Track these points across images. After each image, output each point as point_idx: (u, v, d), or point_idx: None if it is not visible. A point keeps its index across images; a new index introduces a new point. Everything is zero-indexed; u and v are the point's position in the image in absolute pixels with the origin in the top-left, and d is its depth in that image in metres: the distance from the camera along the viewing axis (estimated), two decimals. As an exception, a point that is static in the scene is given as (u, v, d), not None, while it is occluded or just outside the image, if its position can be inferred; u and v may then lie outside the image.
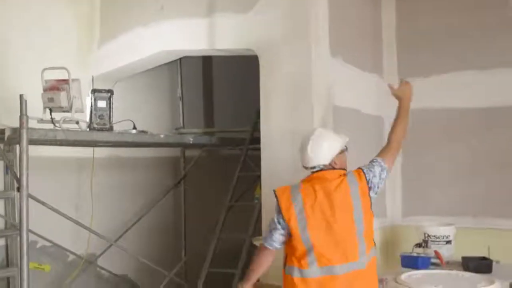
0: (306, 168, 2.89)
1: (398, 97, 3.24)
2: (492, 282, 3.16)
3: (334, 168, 2.87)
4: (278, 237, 2.82)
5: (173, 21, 4.55)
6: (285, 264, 2.86)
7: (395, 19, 4.97)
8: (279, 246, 2.86)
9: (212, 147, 5.47)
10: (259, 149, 4.68)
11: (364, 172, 2.82)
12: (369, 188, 2.79)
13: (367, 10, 4.77)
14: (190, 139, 4.42)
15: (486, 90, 4.49)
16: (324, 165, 2.85)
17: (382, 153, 2.99)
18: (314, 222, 2.73)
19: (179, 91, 5.79)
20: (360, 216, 2.74)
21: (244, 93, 6.16)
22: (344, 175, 2.83)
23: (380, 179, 2.84)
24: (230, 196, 4.82)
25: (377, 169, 2.84)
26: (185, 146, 5.20)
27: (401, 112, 3.16)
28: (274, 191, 2.94)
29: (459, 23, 4.66)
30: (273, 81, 4.01)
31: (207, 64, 6.38)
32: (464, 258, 3.65)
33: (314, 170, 2.86)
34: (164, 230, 5.57)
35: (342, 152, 2.94)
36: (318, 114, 3.84)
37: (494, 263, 3.57)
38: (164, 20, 4.59)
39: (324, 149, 2.85)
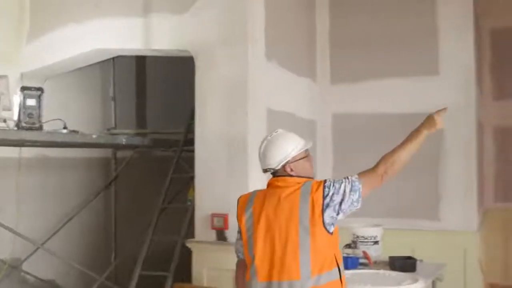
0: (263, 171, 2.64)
1: (432, 123, 2.66)
2: (416, 280, 3.31)
3: (290, 175, 2.57)
4: (239, 247, 2.66)
5: (108, 19, 4.47)
6: None
7: (329, 26, 5.12)
8: (242, 256, 2.66)
9: (145, 148, 5.40)
10: (192, 151, 4.68)
11: (325, 185, 2.47)
12: (326, 204, 2.42)
13: (302, 16, 4.88)
14: (123, 140, 4.35)
15: (411, 96, 4.72)
16: (275, 169, 2.57)
17: (362, 173, 2.55)
18: (259, 232, 2.52)
19: (111, 91, 5.68)
20: (306, 231, 2.42)
21: (177, 94, 6.12)
22: (302, 183, 2.53)
23: (346, 199, 2.43)
24: (163, 198, 4.78)
25: (345, 187, 2.45)
26: (117, 147, 5.10)
27: (418, 136, 2.65)
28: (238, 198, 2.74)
29: (388, 31, 4.87)
30: (208, 83, 4.02)
31: (140, 64, 6.28)
32: (390, 258, 3.79)
33: (270, 173, 2.61)
34: (94, 233, 5.43)
35: (300, 158, 2.59)
36: (253, 117, 3.89)
37: (418, 262, 3.73)
38: (99, 18, 4.50)
39: (275, 151, 2.57)
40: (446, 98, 4.62)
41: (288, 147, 2.57)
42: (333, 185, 2.47)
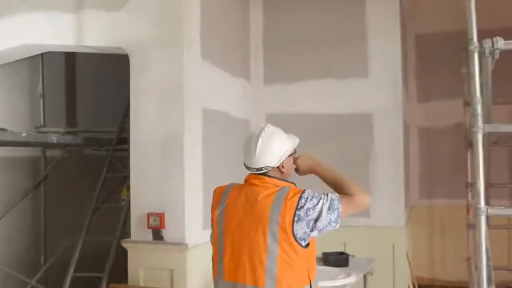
0: (248, 168, 2.45)
1: (305, 171, 2.61)
2: (349, 275, 3.46)
3: (281, 172, 2.45)
4: (211, 239, 2.54)
5: (37, 13, 4.31)
6: None
7: (262, 26, 5.20)
8: None
9: (76, 147, 5.26)
10: (126, 150, 4.62)
11: (302, 196, 2.31)
12: (298, 216, 2.27)
13: (237, 16, 4.93)
14: (54, 138, 4.22)
15: (342, 97, 4.89)
16: (271, 167, 2.41)
17: (343, 196, 2.38)
18: (230, 229, 2.42)
19: (40, 87, 5.48)
20: (275, 239, 2.29)
21: (108, 92, 6.00)
22: (280, 188, 2.39)
23: (323, 217, 2.28)
24: (96, 198, 4.68)
25: (323, 205, 2.30)
26: (47, 145, 4.94)
27: (325, 179, 2.54)
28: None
29: (321, 32, 5.01)
30: (144, 83, 3.99)
31: (70, 61, 6.11)
32: (324, 254, 3.92)
33: (258, 172, 2.42)
34: (22, 235, 5.23)
35: (291, 155, 2.50)
36: (188, 116, 3.89)
37: (350, 257, 3.87)
38: (27, 12, 4.33)
39: (274, 149, 2.40)
40: (375, 99, 4.84)
41: (288, 145, 2.45)
42: (311, 199, 2.30)
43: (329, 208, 2.30)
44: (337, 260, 3.80)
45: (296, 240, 2.28)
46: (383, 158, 4.77)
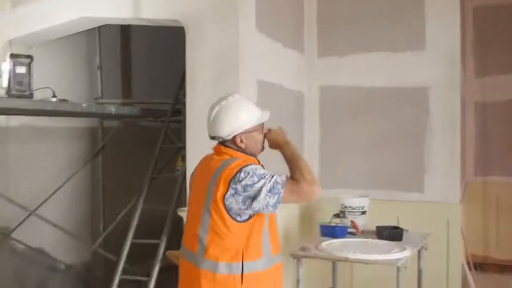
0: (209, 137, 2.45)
1: (272, 145, 2.51)
2: (404, 249, 3.44)
3: (238, 148, 2.38)
4: None
5: (95, -13, 4.40)
6: None
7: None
8: None
9: (132, 118, 5.38)
10: (179, 122, 4.70)
11: (242, 169, 2.22)
12: (234, 189, 2.20)
13: (291, -12, 4.88)
14: (112, 109, 4.33)
15: (396, 70, 4.79)
16: (223, 139, 2.38)
17: (290, 181, 2.24)
18: (191, 196, 2.50)
19: (97, 60, 5.62)
20: (207, 208, 2.27)
21: (163, 64, 6.10)
22: (228, 158, 2.34)
23: (260, 198, 2.18)
24: (151, 168, 4.81)
25: (263, 185, 2.18)
26: (105, 116, 5.08)
27: (286, 158, 2.42)
28: None
29: (376, 6, 4.90)
30: (199, 55, 4.02)
31: (125, 33, 6.22)
32: (378, 228, 3.91)
33: (218, 141, 2.42)
34: (82, 202, 5.45)
35: (253, 131, 2.40)
36: (243, 88, 3.91)
37: (404, 232, 3.85)
38: (86, -14, 4.43)
39: (227, 120, 2.34)
40: (431, 73, 4.71)
41: (242, 117, 2.35)
42: (252, 176, 2.20)
43: (269, 191, 2.18)
44: (391, 234, 3.78)
45: (229, 214, 2.23)
46: (439, 133, 4.67)
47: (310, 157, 5.03)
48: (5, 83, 3.73)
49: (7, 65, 3.73)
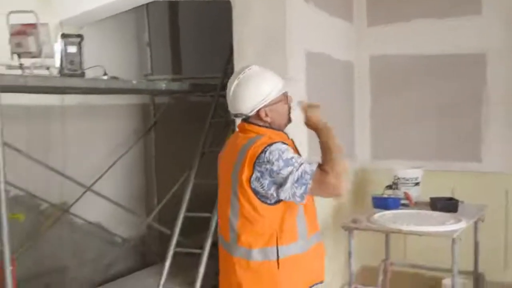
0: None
1: (309, 125, 2.30)
2: (459, 220, 3.34)
3: (264, 123, 2.20)
4: None
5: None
6: None
7: (364, -35, 4.97)
8: None
9: (182, 93, 5.43)
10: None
11: (266, 148, 2.04)
12: (260, 173, 2.04)
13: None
14: (163, 85, 4.37)
15: (448, 37, 4.60)
16: (246, 115, 2.20)
17: (319, 172, 2.03)
18: (220, 178, 2.32)
19: (146, 37, 5.68)
20: (235, 191, 2.12)
21: (211, 39, 6.10)
22: (254, 136, 2.16)
23: (287, 187, 2.00)
24: (202, 143, 4.85)
25: (290, 174, 2.00)
26: (156, 92, 5.15)
27: (321, 143, 2.18)
28: None
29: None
30: (246, 29, 3.98)
31: (173, 9, 6.25)
32: (432, 199, 3.82)
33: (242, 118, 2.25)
34: (136, 177, 5.58)
35: (278, 102, 2.21)
36: (291, 61, 3.86)
37: (459, 203, 3.75)
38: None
39: (247, 93, 2.17)
40: (489, 39, 4.49)
41: (264, 89, 2.17)
42: (278, 159, 2.01)
43: (296, 180, 1.99)
44: (445, 205, 3.68)
45: (258, 197, 2.07)
46: (497, 102, 4.46)
47: (361, 129, 4.95)
48: (57, 63, 3.82)
49: (58, 45, 3.81)
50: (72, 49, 3.86)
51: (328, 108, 4.31)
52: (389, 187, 4.03)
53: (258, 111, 2.18)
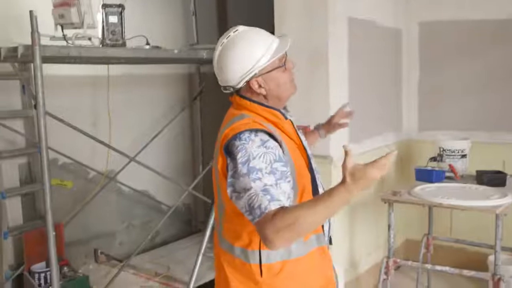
0: None
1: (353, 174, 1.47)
2: (505, 195, 3.19)
3: (258, 97, 1.84)
4: None
5: None
6: None
7: None
8: None
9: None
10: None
11: (235, 137, 1.69)
12: (228, 163, 1.70)
13: None
14: (204, 54, 4.34)
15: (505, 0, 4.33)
16: (235, 87, 1.85)
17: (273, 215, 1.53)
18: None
19: (192, 6, 5.65)
20: (217, 182, 1.83)
21: (258, 9, 5.99)
22: (239, 114, 1.82)
23: (241, 200, 1.60)
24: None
25: (247, 188, 1.59)
26: (199, 61, 5.13)
27: (341, 197, 1.47)
28: None
29: None
30: (286, -2, 3.89)
31: (219, -22, 6.18)
32: (478, 172, 3.66)
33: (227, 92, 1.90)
34: (181, 146, 5.64)
35: (273, 69, 1.80)
36: (333, 28, 3.75)
37: (508, 177, 3.57)
38: None
39: (233, 60, 1.80)
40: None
41: (255, 53, 1.78)
42: (244, 162, 1.61)
43: (248, 206, 1.56)
44: (492, 179, 3.52)
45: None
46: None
47: (409, 99, 4.79)
48: (99, 33, 3.86)
49: (100, 16, 3.84)
50: (114, 19, 3.87)
51: (372, 78, 4.21)
52: (434, 159, 3.89)
53: (248, 82, 1.81)
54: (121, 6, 3.90)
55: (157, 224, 4.77)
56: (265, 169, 1.59)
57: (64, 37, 3.67)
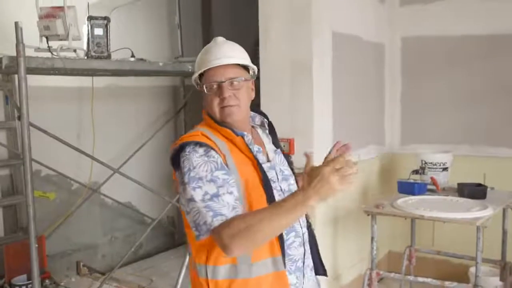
0: None
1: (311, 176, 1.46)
2: (485, 207, 3.24)
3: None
4: None
5: None
6: None
7: None
8: None
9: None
10: (258, 77, 4.64)
11: (180, 148, 1.71)
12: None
13: None
14: (189, 67, 4.37)
15: (487, 17, 4.41)
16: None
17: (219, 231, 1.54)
18: None
19: (177, 18, 5.68)
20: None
21: (243, 23, 6.04)
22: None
23: (188, 214, 1.62)
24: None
25: (191, 201, 1.60)
26: (184, 74, 5.16)
27: (296, 206, 1.46)
28: None
29: None
30: (270, 8, 3.93)
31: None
32: (459, 184, 3.71)
33: None
34: (165, 158, 5.60)
35: (204, 87, 1.82)
36: (317, 41, 3.79)
37: (488, 189, 3.63)
38: None
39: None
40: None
41: (196, 64, 1.91)
42: (186, 172, 1.63)
43: (194, 221, 1.58)
44: (472, 191, 3.57)
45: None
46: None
47: (391, 113, 4.85)
48: (84, 46, 3.87)
49: (85, 28, 3.86)
50: (99, 31, 3.89)
51: (355, 91, 4.27)
52: (416, 172, 3.94)
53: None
54: (106, 18, 3.92)
55: (140, 236, 4.74)
56: (205, 178, 1.60)
57: (49, 49, 3.68)
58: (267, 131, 1.98)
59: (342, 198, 3.37)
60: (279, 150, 1.95)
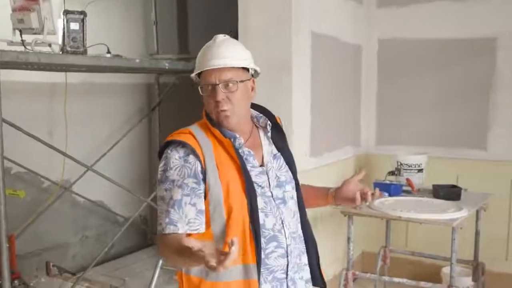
0: None
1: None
2: (460, 209, 3.29)
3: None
4: None
5: None
6: None
7: None
8: None
9: (188, 73, 5.36)
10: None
11: (165, 145, 1.85)
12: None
13: None
14: (166, 65, 4.31)
15: (461, 21, 4.50)
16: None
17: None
18: None
19: (153, 15, 5.61)
20: None
21: (220, 21, 6.00)
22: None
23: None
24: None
25: (160, 196, 1.74)
26: (160, 71, 5.10)
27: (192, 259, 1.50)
28: None
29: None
30: (250, 7, 3.91)
31: (181, -12, 6.16)
32: (434, 186, 3.77)
33: None
34: (138, 157, 5.56)
35: (201, 86, 1.86)
36: (296, 40, 3.79)
37: (462, 191, 3.69)
38: None
39: None
40: (500, 22, 4.40)
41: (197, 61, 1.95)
42: (161, 174, 1.75)
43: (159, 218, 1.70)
44: (448, 193, 3.63)
45: None
46: (506, 88, 4.38)
47: (367, 114, 4.89)
48: (59, 40, 3.77)
49: (61, 22, 3.76)
50: (75, 26, 3.79)
51: (333, 92, 4.28)
52: (392, 173, 3.99)
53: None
54: (83, 13, 3.82)
55: (112, 236, 4.66)
56: (176, 182, 1.68)
57: (23, 43, 3.57)
58: (269, 134, 1.94)
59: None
60: (279, 154, 1.91)
